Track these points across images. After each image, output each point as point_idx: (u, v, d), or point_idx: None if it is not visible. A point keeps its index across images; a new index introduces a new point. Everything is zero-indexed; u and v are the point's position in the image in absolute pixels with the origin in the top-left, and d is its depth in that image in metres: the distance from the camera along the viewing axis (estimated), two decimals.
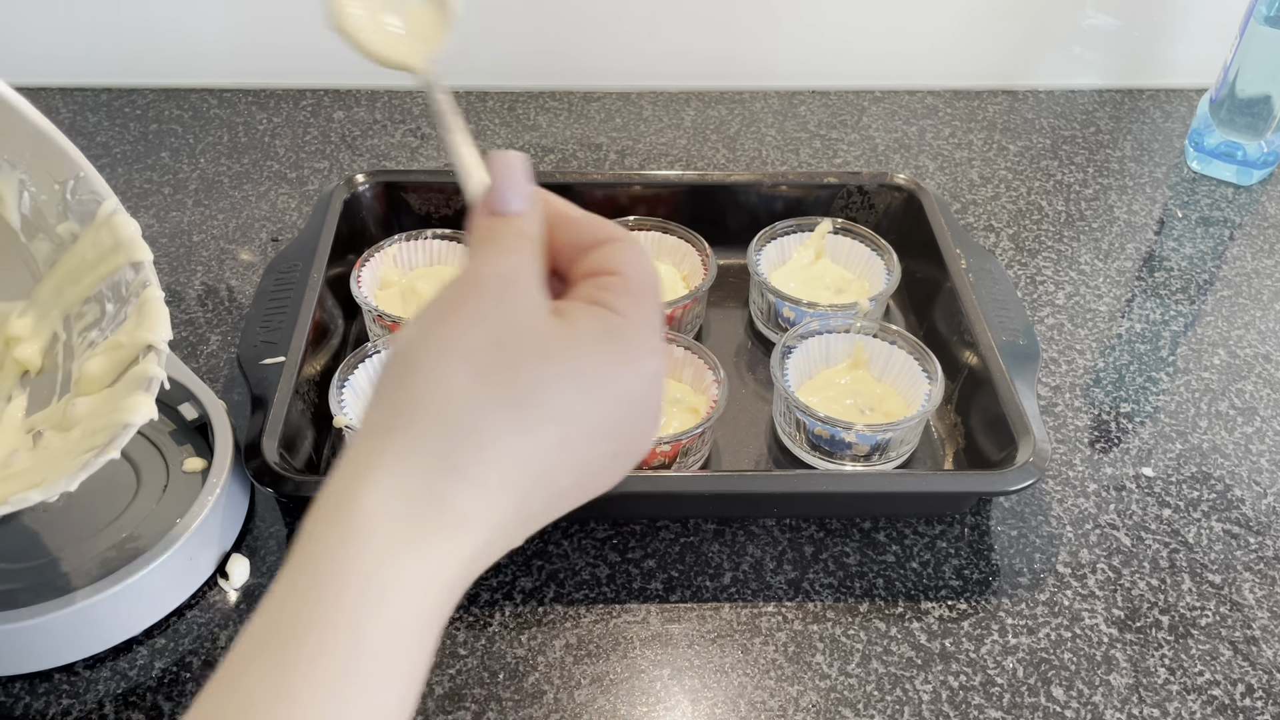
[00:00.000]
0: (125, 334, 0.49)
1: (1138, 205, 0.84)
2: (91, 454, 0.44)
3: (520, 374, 0.30)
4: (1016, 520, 0.59)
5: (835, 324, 0.64)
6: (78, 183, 0.51)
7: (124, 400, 0.46)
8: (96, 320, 0.51)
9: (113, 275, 0.51)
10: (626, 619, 0.53)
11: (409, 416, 0.30)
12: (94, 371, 0.49)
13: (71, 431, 0.47)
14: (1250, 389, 0.67)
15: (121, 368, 0.49)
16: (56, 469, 0.45)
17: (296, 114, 0.91)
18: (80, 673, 0.50)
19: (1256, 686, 0.51)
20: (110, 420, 0.46)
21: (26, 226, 0.52)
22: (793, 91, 0.96)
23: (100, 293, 0.51)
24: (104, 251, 0.51)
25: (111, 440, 0.44)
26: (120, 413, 0.46)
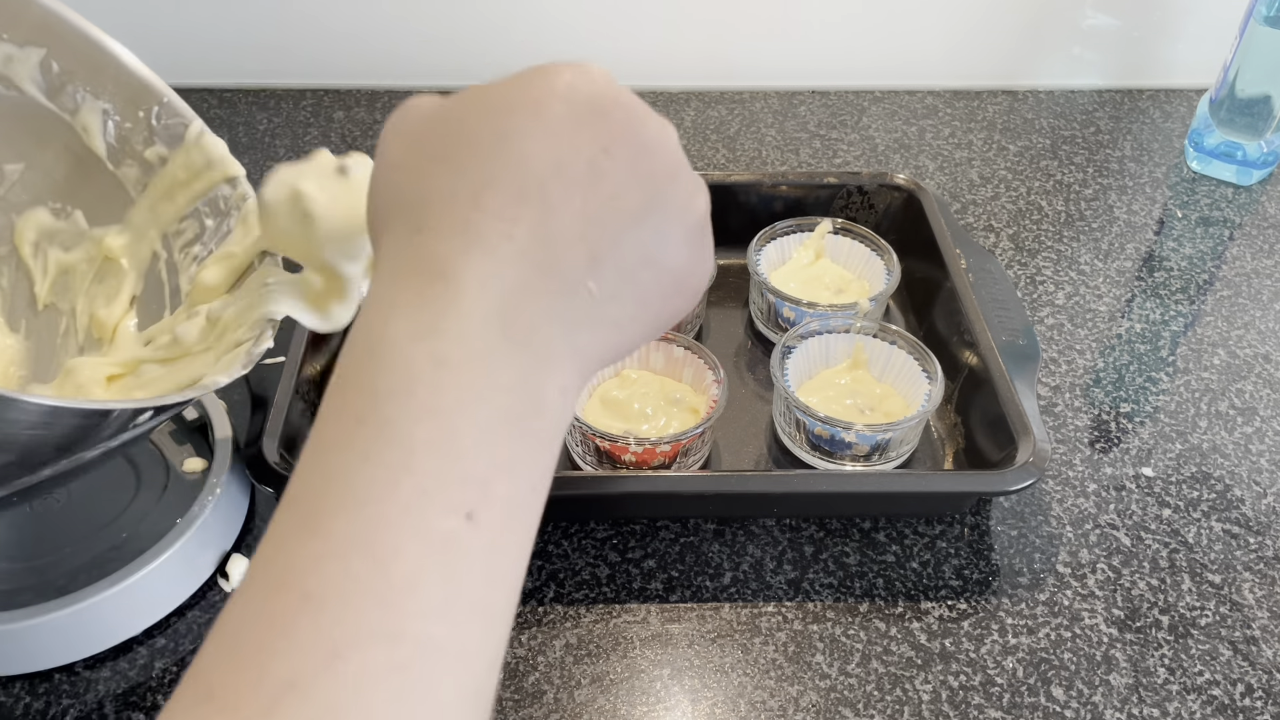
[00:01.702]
0: (236, 243, 0.51)
1: (1138, 205, 0.84)
2: (247, 345, 0.46)
3: (435, 140, 0.33)
4: (1016, 520, 0.59)
5: (835, 324, 0.64)
6: (162, 108, 0.53)
7: (260, 296, 0.48)
8: (198, 235, 0.53)
9: (209, 192, 0.53)
10: (626, 619, 0.53)
11: (381, 229, 0.33)
12: (210, 280, 0.50)
13: (214, 330, 0.49)
14: (1250, 389, 0.68)
15: (237, 274, 0.51)
16: (204, 364, 0.47)
17: (296, 114, 0.91)
18: (80, 673, 0.50)
19: (1256, 686, 0.51)
20: (252, 316, 0.47)
21: (113, 154, 0.54)
22: (793, 91, 0.96)
23: (197, 210, 0.53)
24: (197, 170, 0.53)
25: (262, 332, 0.47)
26: (262, 308, 0.47)
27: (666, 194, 0.33)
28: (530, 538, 0.30)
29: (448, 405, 0.28)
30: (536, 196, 0.31)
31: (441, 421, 0.28)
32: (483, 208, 0.30)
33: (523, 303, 0.30)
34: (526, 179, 0.31)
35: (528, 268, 0.30)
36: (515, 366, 0.29)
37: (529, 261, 0.30)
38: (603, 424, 0.59)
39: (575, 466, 0.60)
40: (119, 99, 0.53)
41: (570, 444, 0.60)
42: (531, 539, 0.30)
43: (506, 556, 0.28)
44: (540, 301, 0.30)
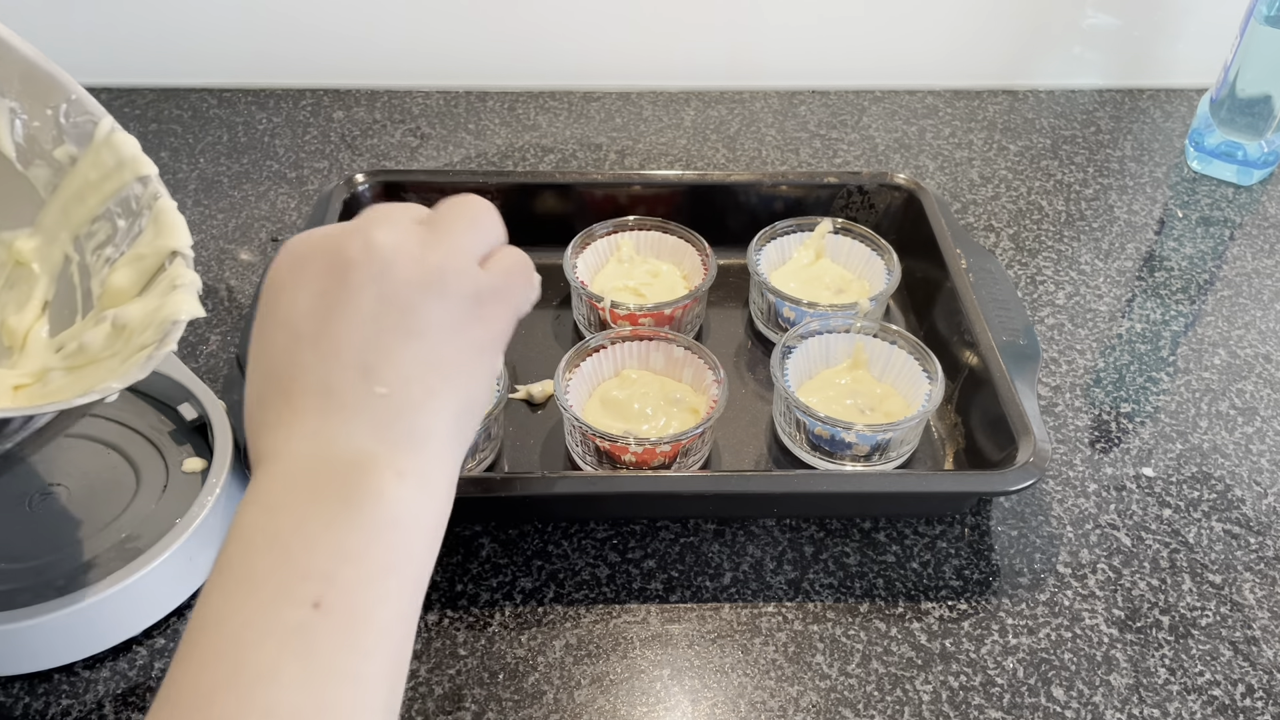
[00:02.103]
0: (145, 245, 0.50)
1: (1138, 205, 0.84)
2: (149, 349, 0.45)
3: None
4: (1017, 520, 0.59)
5: (835, 324, 0.64)
6: (70, 105, 0.51)
7: (168, 299, 0.47)
8: (110, 237, 0.51)
9: (120, 192, 0.51)
10: (626, 619, 0.53)
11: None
12: (120, 283, 0.49)
13: (120, 336, 0.48)
14: (1251, 389, 0.67)
15: (147, 276, 0.50)
16: (108, 371, 0.46)
17: (296, 114, 0.91)
18: (80, 673, 0.50)
19: (1257, 687, 0.51)
20: (158, 318, 0.46)
21: (21, 154, 0.52)
22: (793, 91, 0.96)
23: (109, 210, 0.51)
24: (107, 170, 0.51)
25: (165, 335, 0.46)
26: (166, 309, 0.46)
27: (388, 285, 0.38)
28: (402, 603, 0.35)
29: (281, 532, 0.34)
30: (289, 366, 0.37)
31: (277, 546, 0.34)
32: (271, 405, 0.38)
33: (328, 440, 0.36)
34: (278, 359, 0.38)
35: (319, 417, 0.36)
36: (336, 484, 0.35)
37: (318, 413, 0.36)
38: (603, 424, 0.59)
39: (575, 466, 0.60)
40: (25, 96, 0.51)
41: (570, 444, 0.60)
42: (404, 603, 0.35)
43: (371, 626, 0.33)
44: (341, 429, 0.36)
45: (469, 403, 0.39)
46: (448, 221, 0.41)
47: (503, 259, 0.42)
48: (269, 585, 0.33)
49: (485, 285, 0.40)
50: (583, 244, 0.69)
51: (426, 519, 0.37)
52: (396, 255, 0.38)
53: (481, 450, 0.59)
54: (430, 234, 0.40)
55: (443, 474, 0.38)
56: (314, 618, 0.32)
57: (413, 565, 0.36)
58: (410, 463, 0.36)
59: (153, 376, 0.58)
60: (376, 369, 0.37)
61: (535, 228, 0.73)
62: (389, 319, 0.37)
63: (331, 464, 0.35)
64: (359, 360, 0.37)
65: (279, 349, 0.38)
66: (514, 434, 0.62)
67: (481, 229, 0.42)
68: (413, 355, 0.37)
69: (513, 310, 0.42)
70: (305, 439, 0.36)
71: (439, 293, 0.38)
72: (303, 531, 0.34)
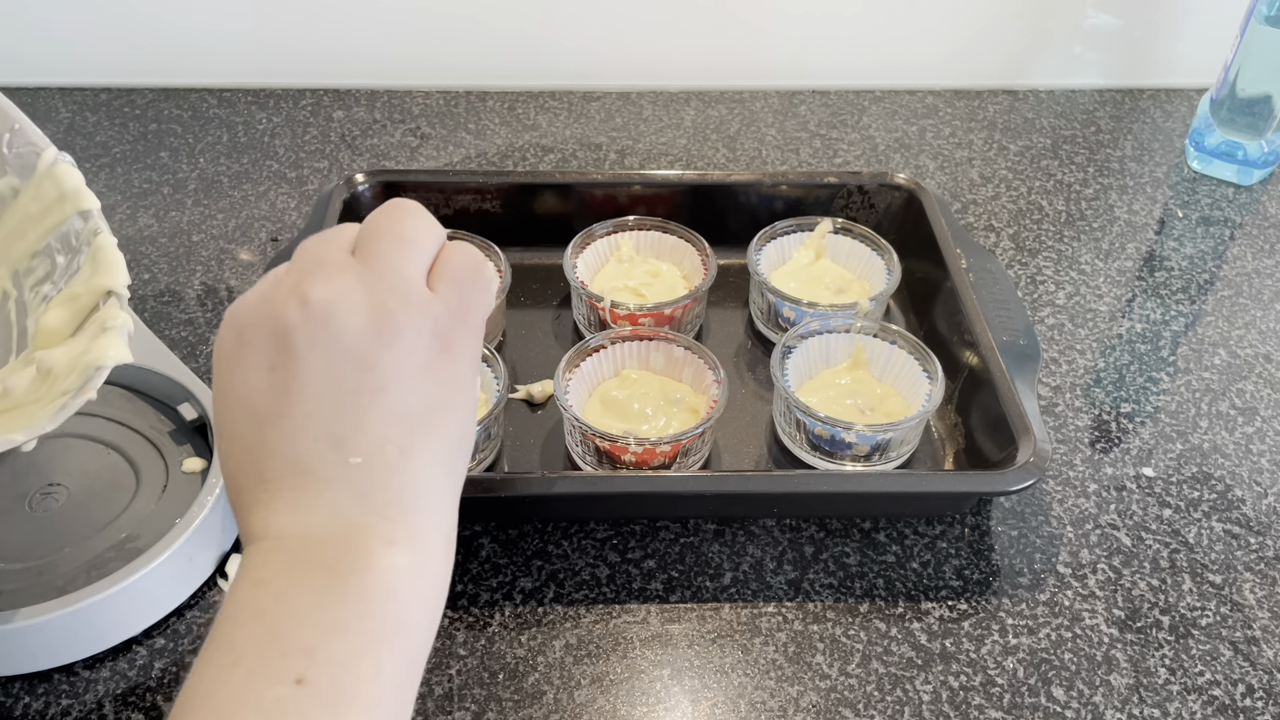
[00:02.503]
0: (81, 283, 0.48)
1: (1138, 205, 0.84)
2: (67, 396, 0.43)
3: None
4: (1017, 520, 0.59)
5: (835, 324, 0.64)
6: (14, 135, 0.49)
7: (94, 343, 0.45)
8: (48, 274, 0.50)
9: (60, 227, 0.49)
10: (626, 619, 0.53)
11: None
12: (52, 324, 0.48)
13: (45, 381, 0.46)
14: (1251, 389, 0.67)
15: (81, 317, 0.48)
16: (29, 417, 0.44)
17: (296, 114, 0.91)
18: (80, 673, 0.50)
19: (1257, 687, 0.51)
20: (82, 363, 0.45)
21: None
22: (793, 91, 0.96)
23: (49, 245, 0.50)
24: (48, 204, 0.49)
25: (86, 382, 0.44)
26: (91, 355, 0.44)
27: (337, 345, 0.36)
28: (397, 672, 0.34)
29: (267, 606, 0.33)
30: (256, 449, 0.35)
31: (262, 621, 0.33)
32: (247, 487, 0.36)
33: (311, 515, 0.34)
34: (244, 441, 0.36)
35: (297, 494, 0.35)
36: (322, 557, 0.34)
37: (296, 490, 0.35)
38: (603, 424, 0.59)
39: (575, 466, 0.60)
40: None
41: (570, 444, 0.60)
42: (399, 672, 0.34)
43: (358, 701, 0.32)
44: (322, 503, 0.34)
45: (454, 441, 0.38)
46: (379, 246, 0.38)
47: (449, 268, 0.39)
48: (252, 660, 0.32)
49: (440, 313, 0.37)
50: (583, 244, 0.69)
51: (423, 584, 0.35)
52: (336, 309, 0.35)
53: (481, 450, 0.59)
54: (366, 269, 0.37)
55: (436, 531, 0.36)
56: (296, 694, 0.31)
57: (408, 633, 0.34)
58: (399, 529, 0.35)
59: (153, 376, 0.59)
60: (346, 438, 0.35)
61: (535, 228, 0.74)
62: (348, 381, 0.35)
63: (317, 538, 0.34)
64: (326, 432, 0.35)
65: (242, 430, 0.36)
66: (514, 434, 0.62)
67: (416, 243, 0.38)
68: (380, 415, 0.35)
69: (476, 323, 0.39)
70: (287, 516, 0.34)
71: (392, 339, 0.36)
72: (289, 605, 0.33)
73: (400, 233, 0.38)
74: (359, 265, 0.37)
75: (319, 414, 0.35)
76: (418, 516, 0.35)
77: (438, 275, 0.38)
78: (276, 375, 0.35)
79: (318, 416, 0.35)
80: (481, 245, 0.69)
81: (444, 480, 0.37)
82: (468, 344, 0.38)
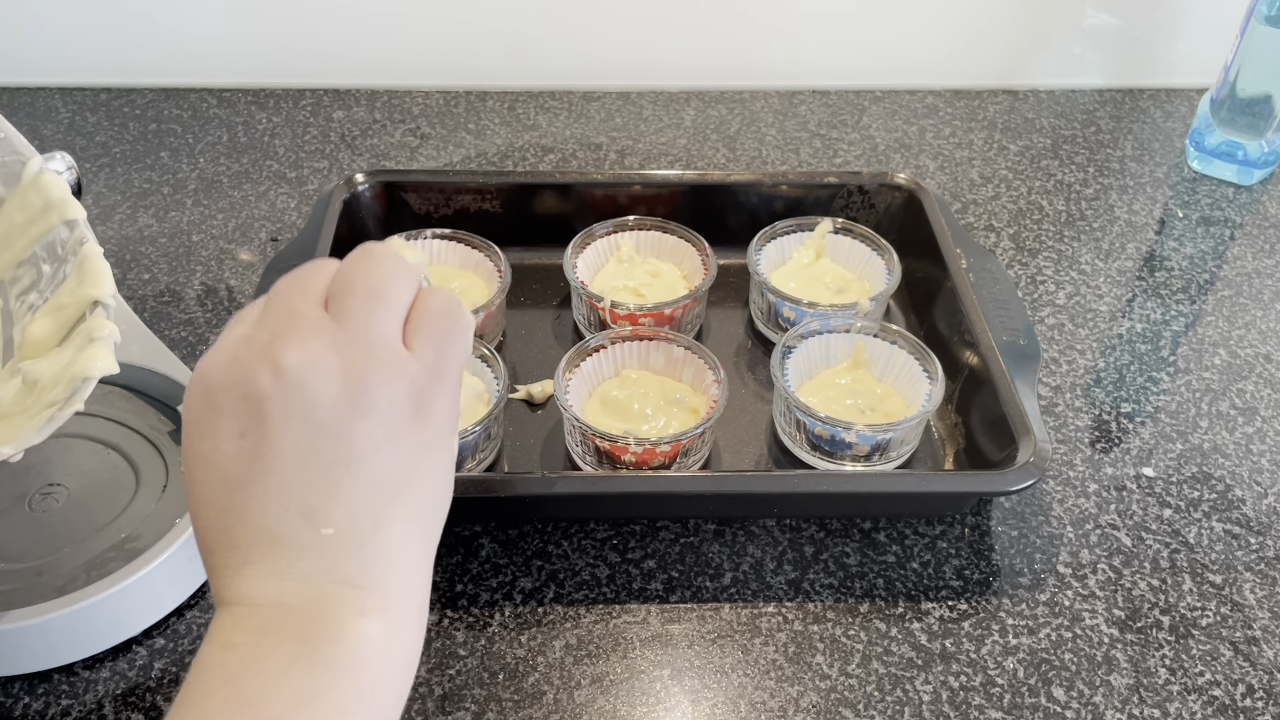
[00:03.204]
0: (67, 293, 0.48)
1: (1138, 205, 0.84)
2: (54, 409, 0.43)
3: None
4: (1017, 520, 0.59)
5: (835, 324, 0.64)
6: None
7: (81, 354, 0.45)
8: (34, 283, 0.50)
9: (46, 236, 0.49)
10: (626, 619, 0.53)
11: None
12: (38, 334, 0.47)
13: (31, 392, 0.46)
14: (1251, 389, 0.67)
15: (67, 327, 0.47)
16: (16, 428, 0.44)
17: (296, 114, 0.91)
18: (80, 673, 0.50)
19: (1257, 687, 0.51)
20: (69, 374, 0.44)
21: None
22: (793, 91, 0.96)
23: (35, 255, 0.49)
24: (34, 213, 0.49)
25: (73, 394, 0.43)
26: (77, 366, 0.44)
27: (312, 416, 0.35)
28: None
29: (236, 672, 0.33)
30: (227, 514, 0.35)
31: (231, 686, 0.32)
32: (217, 550, 0.35)
33: (282, 583, 0.34)
34: (215, 505, 0.35)
35: (269, 562, 0.34)
36: (293, 625, 0.33)
37: (268, 559, 0.34)
38: (603, 424, 0.59)
39: (575, 466, 0.60)
40: None
41: (570, 444, 0.60)
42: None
43: None
44: (294, 572, 0.34)
45: (429, 505, 0.37)
46: (353, 303, 0.36)
47: (425, 320, 0.37)
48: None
49: (417, 374, 0.36)
50: (583, 244, 0.69)
51: (395, 651, 0.35)
52: (310, 378, 0.34)
53: (481, 450, 0.59)
54: (340, 330, 0.36)
55: (409, 598, 0.36)
56: None
57: (377, 702, 0.34)
58: (371, 598, 0.34)
59: (153, 376, 0.59)
60: (319, 509, 0.34)
61: (535, 228, 0.74)
62: (322, 453, 0.34)
63: (288, 605, 0.34)
64: (299, 502, 0.34)
65: (213, 495, 0.35)
66: (514, 434, 0.62)
67: (390, 298, 0.37)
68: (354, 486, 0.35)
69: (454, 377, 0.38)
70: (258, 583, 0.34)
71: (368, 409, 0.35)
72: (257, 673, 0.32)
73: (374, 288, 0.37)
74: (333, 325, 0.36)
75: (291, 485, 0.34)
76: (390, 584, 0.35)
77: (414, 329, 0.37)
78: (248, 442, 0.34)
79: (290, 487, 0.34)
80: (481, 245, 0.69)
81: (418, 544, 0.36)
82: (445, 401, 0.37)
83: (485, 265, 0.69)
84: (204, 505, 0.35)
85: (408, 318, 0.38)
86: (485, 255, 0.69)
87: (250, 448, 0.34)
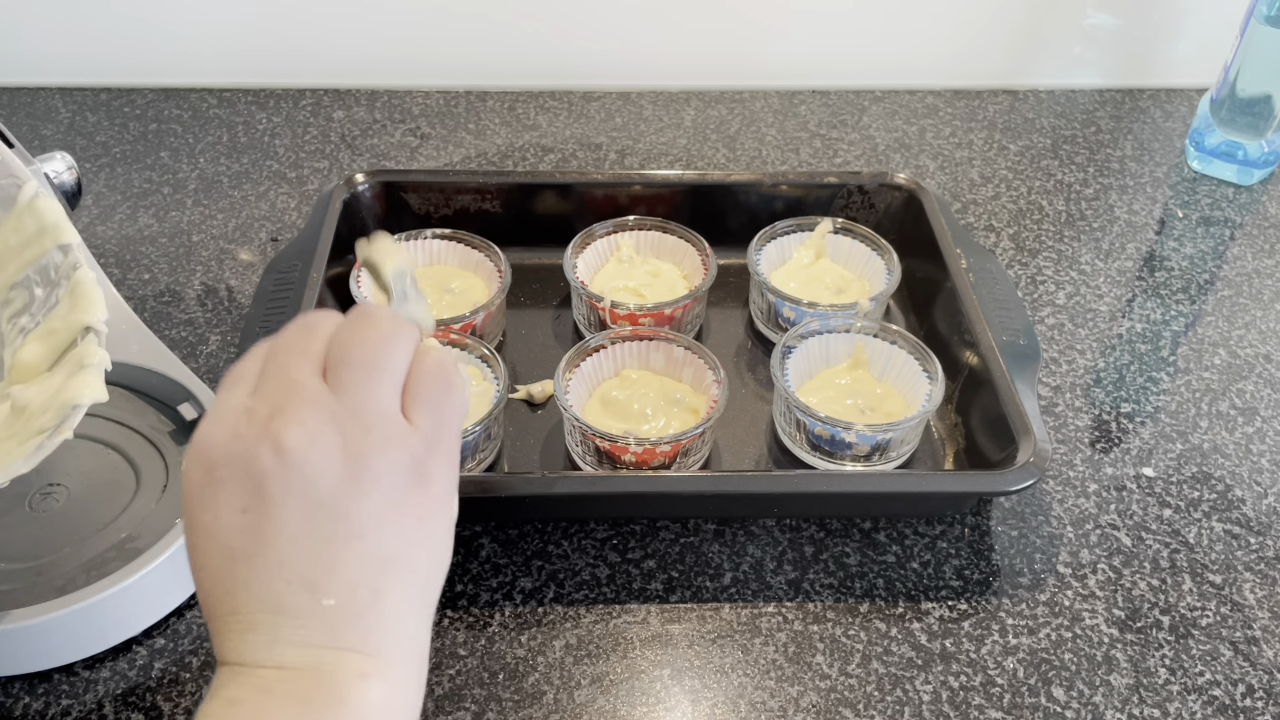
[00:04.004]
0: (59, 319, 0.48)
1: (1138, 205, 0.84)
2: (43, 436, 0.43)
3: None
4: (1017, 520, 0.59)
5: (835, 324, 0.64)
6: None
7: (71, 381, 0.45)
8: (26, 306, 0.50)
9: (39, 259, 0.49)
10: (626, 619, 0.53)
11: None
12: (29, 359, 0.47)
13: (19, 418, 0.46)
14: (1251, 389, 0.67)
15: (58, 352, 0.47)
16: (5, 455, 0.44)
17: (296, 114, 0.91)
18: (80, 673, 0.50)
19: (1257, 687, 0.51)
20: (58, 401, 0.44)
21: None
22: (793, 91, 0.96)
23: (28, 278, 0.50)
24: (28, 236, 0.49)
25: (63, 421, 0.43)
26: (68, 393, 0.44)
27: (313, 494, 0.35)
28: None
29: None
30: (229, 583, 0.35)
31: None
32: (219, 615, 0.36)
33: (285, 649, 0.34)
34: (217, 574, 0.35)
35: (272, 630, 0.34)
36: (298, 687, 0.34)
37: (271, 627, 0.35)
38: (603, 424, 0.59)
39: (575, 466, 0.60)
40: None
41: (570, 444, 0.60)
42: None
43: None
44: (297, 639, 0.34)
45: (428, 570, 0.38)
46: (350, 374, 0.37)
47: (422, 388, 0.38)
48: None
49: (416, 446, 0.37)
50: (583, 244, 0.69)
51: (396, 713, 0.35)
52: (311, 457, 0.35)
53: (481, 450, 0.59)
54: (339, 405, 0.36)
55: (409, 660, 0.36)
56: None
57: None
58: (372, 661, 0.35)
59: (153, 376, 0.59)
60: (320, 583, 0.35)
61: (535, 228, 0.74)
62: (322, 529, 0.35)
63: (291, 668, 0.34)
64: (301, 576, 0.35)
65: (214, 564, 0.35)
66: (514, 434, 0.62)
67: (388, 367, 0.37)
68: (355, 559, 0.35)
69: (452, 443, 0.38)
70: (262, 648, 0.34)
71: (370, 486, 0.35)
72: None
73: (370, 357, 0.37)
74: (332, 400, 0.36)
75: (293, 560, 0.35)
76: (391, 648, 0.36)
77: (411, 398, 0.37)
78: (250, 517, 0.35)
79: (291, 562, 0.35)
80: (481, 245, 0.69)
81: (418, 608, 0.37)
82: (444, 467, 0.38)
83: (485, 265, 0.69)
84: (205, 572, 0.36)
85: (405, 382, 0.38)
86: (485, 255, 0.69)
87: (252, 523, 0.35)
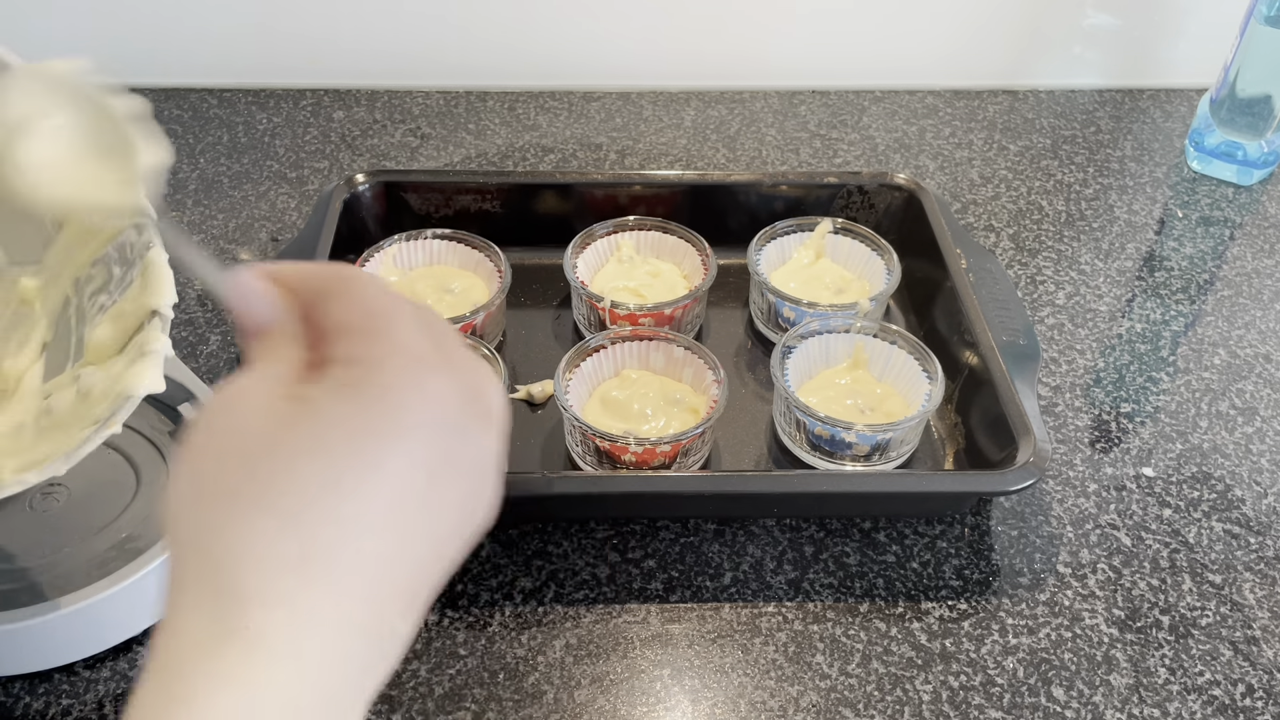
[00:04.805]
0: (130, 300, 0.48)
1: (1138, 205, 0.84)
2: (93, 428, 0.42)
3: (258, 476, 0.29)
4: (1017, 520, 0.59)
5: (835, 324, 0.64)
6: None
7: (129, 369, 0.44)
8: (105, 284, 0.50)
9: (119, 237, 0.49)
10: (626, 619, 0.53)
11: (180, 569, 0.30)
12: (101, 340, 0.48)
13: (84, 402, 0.46)
14: (1251, 389, 0.67)
15: (128, 335, 0.47)
16: (56, 444, 0.44)
17: (296, 114, 0.91)
18: (80, 673, 0.50)
19: (1257, 687, 0.51)
20: (115, 389, 0.44)
21: None
22: (793, 91, 0.96)
23: (108, 255, 0.50)
24: None
25: (113, 414, 0.43)
26: (123, 383, 0.44)
27: (410, 525, 0.31)
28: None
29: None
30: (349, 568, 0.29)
31: None
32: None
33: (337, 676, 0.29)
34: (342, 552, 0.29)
35: (345, 638, 0.29)
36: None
37: (348, 631, 0.29)
38: (603, 424, 0.59)
39: (575, 466, 0.60)
40: None
41: (570, 444, 0.60)
42: None
43: None
44: (351, 658, 0.29)
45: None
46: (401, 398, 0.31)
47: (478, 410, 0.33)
48: None
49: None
50: (583, 244, 0.69)
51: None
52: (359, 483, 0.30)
53: None
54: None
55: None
56: None
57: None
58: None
59: None
60: (412, 605, 0.33)
61: (535, 228, 0.74)
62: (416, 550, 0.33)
63: (318, 698, 0.29)
64: (399, 594, 0.32)
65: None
66: (514, 434, 0.62)
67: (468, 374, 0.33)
68: (424, 583, 0.33)
69: (486, 495, 0.35)
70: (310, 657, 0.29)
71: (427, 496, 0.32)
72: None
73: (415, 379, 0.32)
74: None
75: (399, 577, 0.32)
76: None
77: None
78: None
79: (391, 581, 0.31)
80: (481, 245, 0.69)
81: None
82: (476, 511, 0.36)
83: (485, 265, 0.69)
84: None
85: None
86: (485, 255, 0.69)
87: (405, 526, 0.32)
